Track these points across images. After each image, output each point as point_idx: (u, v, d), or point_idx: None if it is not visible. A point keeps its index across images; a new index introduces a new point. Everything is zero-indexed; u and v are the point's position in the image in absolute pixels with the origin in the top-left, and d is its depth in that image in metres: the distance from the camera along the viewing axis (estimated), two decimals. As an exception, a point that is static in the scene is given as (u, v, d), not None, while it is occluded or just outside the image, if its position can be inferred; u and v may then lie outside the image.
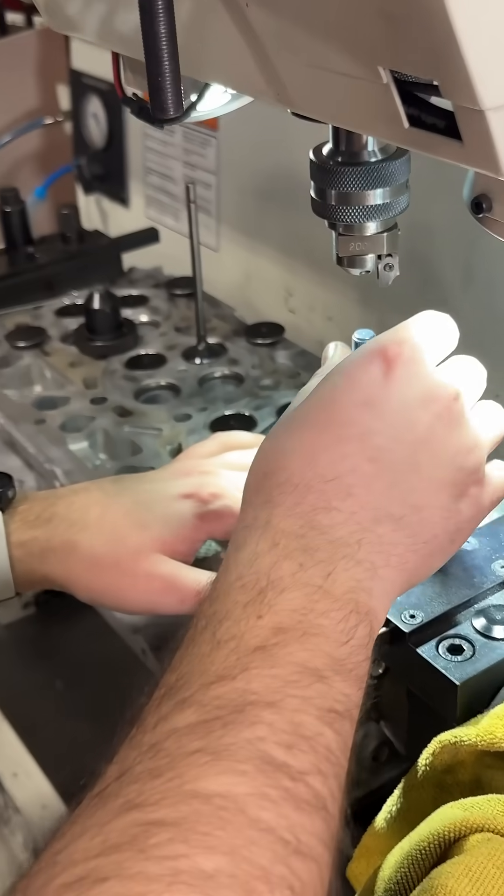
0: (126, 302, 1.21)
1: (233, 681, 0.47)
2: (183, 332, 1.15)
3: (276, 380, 1.05)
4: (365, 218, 0.66)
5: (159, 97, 0.52)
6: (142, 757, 0.44)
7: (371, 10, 0.44)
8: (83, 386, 1.07)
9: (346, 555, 0.53)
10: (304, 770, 0.45)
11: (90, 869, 0.38)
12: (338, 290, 1.29)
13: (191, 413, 1.00)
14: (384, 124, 0.50)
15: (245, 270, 1.45)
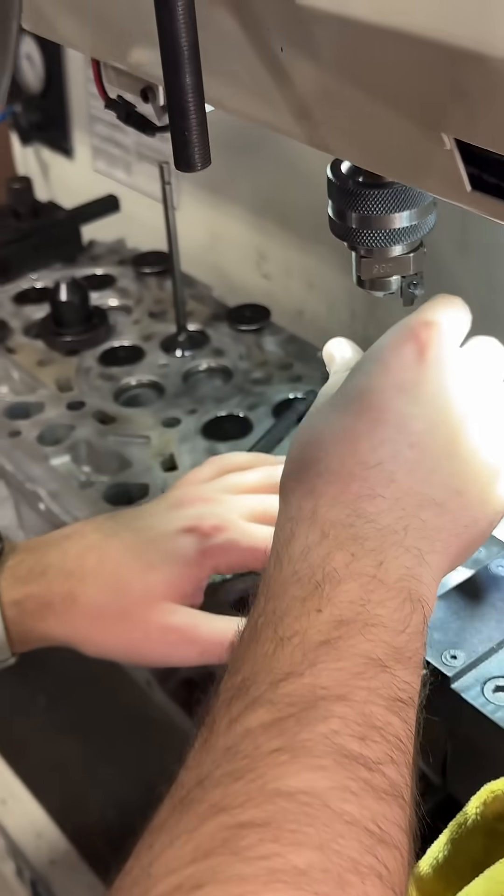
0: (90, 283, 1.12)
1: (301, 677, 0.47)
2: (158, 318, 1.07)
3: (268, 373, 0.98)
4: (390, 243, 0.60)
5: (186, 152, 0.45)
6: (220, 760, 0.44)
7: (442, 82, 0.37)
8: (56, 388, 0.98)
9: (394, 542, 0.53)
10: (379, 760, 0.46)
11: (185, 877, 0.39)
12: (318, 253, 1.21)
13: (179, 416, 0.93)
14: (441, 182, 0.43)
15: (211, 231, 1.35)
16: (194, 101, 0.45)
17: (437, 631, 0.66)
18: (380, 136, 0.44)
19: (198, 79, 0.44)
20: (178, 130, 0.46)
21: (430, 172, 0.43)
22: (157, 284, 1.12)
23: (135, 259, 1.15)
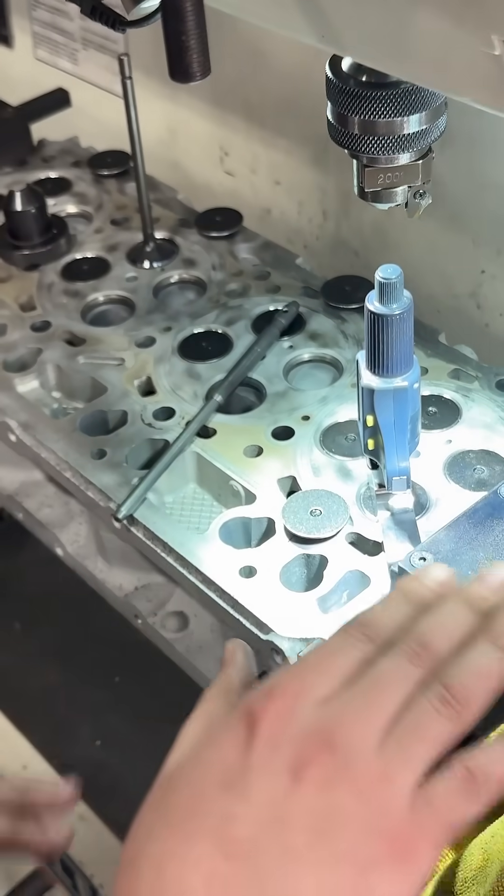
0: (44, 188, 1.04)
1: None
2: (121, 225, 1.00)
3: (244, 283, 0.92)
4: (398, 150, 0.54)
5: (183, 60, 0.40)
6: None
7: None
8: (18, 308, 0.92)
9: None
10: None
11: None
12: (283, 147, 1.13)
13: (153, 335, 0.87)
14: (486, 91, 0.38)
15: (168, 125, 1.27)
16: (192, 2, 0.38)
17: (448, 563, 0.62)
18: (407, 35, 0.38)
19: (198, -28, 0.38)
20: (174, 35, 0.40)
21: (474, 80, 0.37)
22: (117, 188, 1.04)
23: (91, 160, 1.07)
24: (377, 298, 0.61)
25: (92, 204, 1.03)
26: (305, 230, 1.16)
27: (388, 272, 0.60)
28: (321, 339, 0.85)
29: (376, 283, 0.61)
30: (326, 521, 0.70)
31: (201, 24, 0.40)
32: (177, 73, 0.41)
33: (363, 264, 1.09)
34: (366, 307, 0.62)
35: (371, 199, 0.57)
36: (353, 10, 0.39)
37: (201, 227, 0.97)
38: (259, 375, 0.83)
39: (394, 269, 0.60)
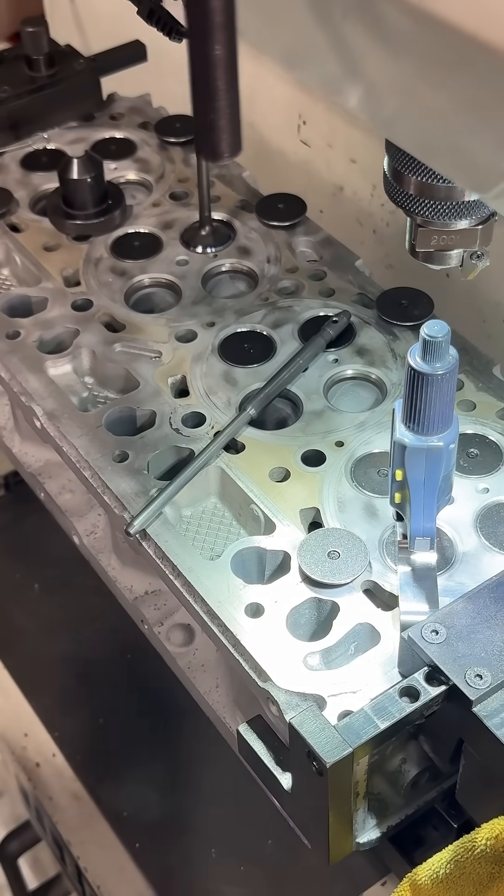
0: (107, 150, 0.99)
1: None
2: (181, 200, 0.95)
3: (297, 282, 0.87)
4: (455, 217, 0.49)
5: (211, 138, 0.36)
6: None
7: None
8: (62, 281, 0.88)
9: None
10: None
11: None
12: (363, 125, 1.07)
13: (195, 329, 0.83)
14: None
15: (248, 84, 1.21)
16: (224, 79, 0.34)
17: (460, 641, 0.60)
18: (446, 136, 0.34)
19: (230, 52, 0.34)
20: (203, 112, 0.36)
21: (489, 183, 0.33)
22: (182, 157, 1.00)
23: (159, 124, 1.02)
24: (420, 354, 0.57)
25: (154, 173, 0.98)
26: (377, 214, 1.11)
27: (434, 329, 0.56)
28: (369, 355, 0.81)
29: (420, 340, 0.56)
30: (344, 566, 0.67)
31: (234, 101, 0.36)
32: (204, 150, 0.37)
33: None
34: (407, 361, 0.58)
35: (422, 259, 0.52)
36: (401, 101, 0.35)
37: (262, 214, 0.92)
38: (298, 388, 0.79)
39: (441, 327, 0.56)
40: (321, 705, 0.61)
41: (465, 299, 1.00)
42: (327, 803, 0.58)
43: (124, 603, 0.80)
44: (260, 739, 0.64)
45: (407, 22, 0.32)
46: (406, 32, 0.32)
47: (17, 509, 1.18)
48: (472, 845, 0.58)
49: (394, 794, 0.67)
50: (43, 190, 0.96)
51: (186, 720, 0.98)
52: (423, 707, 0.58)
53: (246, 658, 0.64)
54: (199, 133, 0.35)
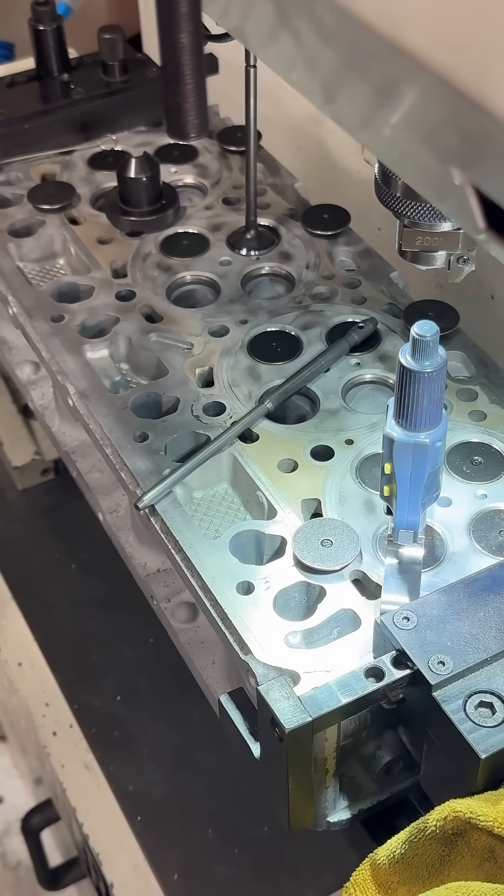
0: (169, 155, 1.05)
1: None
2: (233, 206, 1.00)
3: (332, 289, 0.91)
4: (438, 218, 0.52)
5: (178, 119, 0.40)
6: None
7: (454, 123, 0.30)
8: (110, 272, 0.93)
9: None
10: None
11: None
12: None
13: (228, 326, 0.87)
14: (457, 210, 0.36)
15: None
16: (190, 65, 0.38)
17: (430, 630, 0.62)
18: (396, 145, 0.37)
19: (196, 39, 0.38)
20: (171, 94, 0.40)
21: (447, 196, 0.36)
22: (240, 166, 1.04)
23: (222, 133, 1.07)
24: (410, 353, 0.60)
25: (211, 178, 1.03)
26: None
27: (424, 329, 0.59)
28: (390, 361, 0.84)
29: (411, 338, 0.60)
30: (335, 554, 0.70)
31: (200, 85, 0.40)
32: (172, 130, 0.41)
33: (475, 280, 1.06)
34: (398, 358, 0.61)
35: (410, 259, 0.56)
36: (350, 102, 0.38)
37: (307, 222, 0.96)
38: (318, 388, 0.82)
39: (430, 327, 0.59)
40: (295, 680, 0.64)
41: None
42: (287, 770, 0.61)
43: (138, 579, 0.84)
44: (238, 709, 0.67)
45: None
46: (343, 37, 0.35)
47: (65, 492, 1.23)
48: (424, 826, 0.60)
49: (367, 778, 0.69)
50: (105, 188, 1.02)
51: (199, 704, 1.02)
52: (385, 688, 0.61)
53: (231, 631, 0.68)
54: (168, 114, 0.39)
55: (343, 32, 0.36)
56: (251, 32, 0.46)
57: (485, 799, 0.60)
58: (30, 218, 0.99)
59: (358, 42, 0.35)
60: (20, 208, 1.00)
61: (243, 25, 0.46)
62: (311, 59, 0.41)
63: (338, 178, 1.25)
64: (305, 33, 0.41)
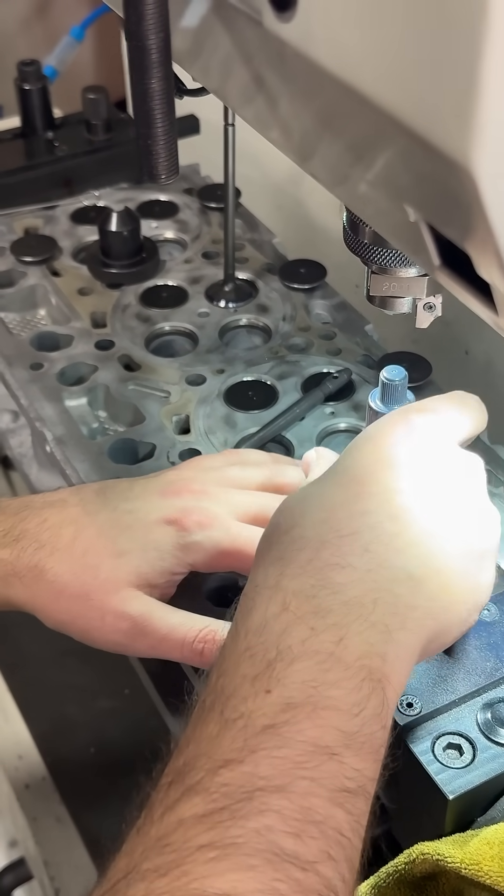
0: (150, 211, 1.07)
1: (241, 764, 0.45)
2: (212, 259, 1.02)
3: (308, 340, 0.92)
4: (405, 264, 0.54)
5: (149, 162, 0.41)
6: (148, 852, 0.43)
7: (406, 162, 0.32)
8: (90, 322, 0.95)
9: (360, 616, 0.50)
10: (314, 858, 0.44)
11: None
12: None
13: (205, 374, 0.89)
14: (413, 247, 0.38)
15: (295, 166, 1.28)
16: (161, 109, 0.40)
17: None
18: (353, 185, 0.39)
19: (166, 84, 0.39)
20: (142, 138, 0.41)
21: (403, 235, 0.37)
22: (219, 222, 1.07)
23: (202, 190, 1.09)
24: (379, 397, 0.62)
25: (191, 233, 1.05)
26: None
27: (392, 373, 0.61)
28: (364, 411, 0.85)
29: (380, 383, 0.61)
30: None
31: (170, 130, 0.41)
32: (144, 172, 0.42)
33: (450, 336, 1.09)
34: (368, 403, 0.63)
35: (378, 304, 0.57)
36: (313, 145, 0.40)
37: (284, 276, 0.98)
38: (292, 435, 0.83)
39: (399, 372, 0.61)
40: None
41: (481, 374, 1.04)
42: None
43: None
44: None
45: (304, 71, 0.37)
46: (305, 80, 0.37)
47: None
48: (394, 870, 0.60)
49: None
50: (86, 241, 1.04)
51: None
52: (354, 729, 0.61)
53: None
54: (141, 157, 0.41)
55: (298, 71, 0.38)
56: (230, 91, 0.48)
57: (453, 841, 0.60)
58: (12, 270, 1.00)
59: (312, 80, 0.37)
60: (3, 260, 1.01)
61: (223, 84, 0.48)
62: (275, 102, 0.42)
63: (317, 237, 1.28)
64: (273, 85, 0.43)
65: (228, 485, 0.70)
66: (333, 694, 0.48)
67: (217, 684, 0.49)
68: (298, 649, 0.48)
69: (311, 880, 0.43)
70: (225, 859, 0.42)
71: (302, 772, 0.45)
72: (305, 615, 0.50)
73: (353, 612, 0.50)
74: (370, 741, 0.48)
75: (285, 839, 0.43)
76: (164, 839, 0.43)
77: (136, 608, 0.65)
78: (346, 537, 0.52)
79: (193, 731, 0.48)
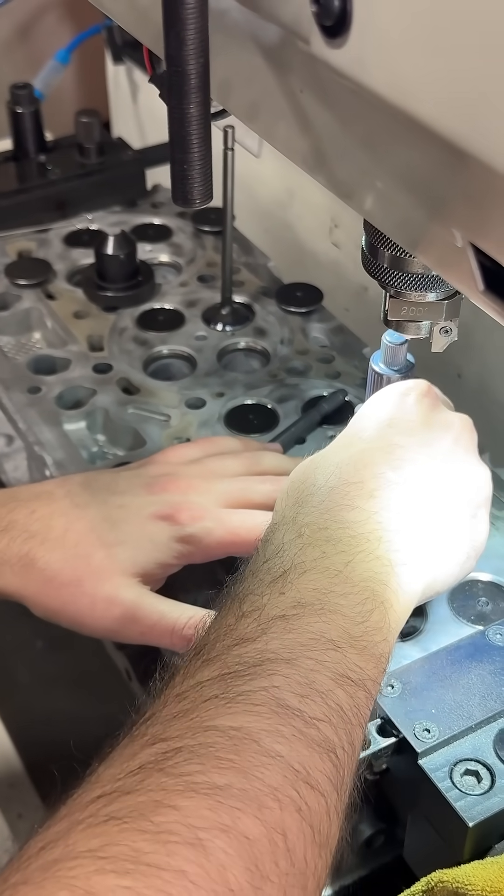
0: (145, 234, 1.07)
1: (253, 642, 0.50)
2: (207, 283, 1.02)
3: (307, 363, 0.92)
4: (424, 288, 0.54)
5: (183, 186, 0.41)
6: (167, 704, 0.48)
7: (454, 181, 0.32)
8: (87, 346, 0.94)
9: (365, 549, 0.56)
10: (316, 717, 0.47)
11: (116, 787, 0.42)
12: (388, 233, 1.14)
13: (205, 398, 0.88)
14: (453, 272, 0.38)
15: (288, 186, 1.29)
16: (198, 134, 0.40)
17: (414, 697, 0.62)
18: (394, 208, 0.39)
19: (204, 109, 0.39)
20: (177, 163, 0.41)
21: (444, 260, 0.37)
22: (214, 245, 1.07)
23: (195, 214, 1.09)
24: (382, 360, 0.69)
25: (185, 256, 1.05)
26: (397, 315, 1.16)
27: (394, 336, 0.67)
28: (365, 434, 0.85)
29: (382, 345, 0.68)
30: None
31: (206, 155, 0.41)
32: (178, 197, 0.42)
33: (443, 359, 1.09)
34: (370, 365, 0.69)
35: (395, 328, 0.58)
36: (348, 168, 0.40)
37: (281, 300, 0.98)
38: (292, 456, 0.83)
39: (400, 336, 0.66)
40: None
41: (473, 397, 1.05)
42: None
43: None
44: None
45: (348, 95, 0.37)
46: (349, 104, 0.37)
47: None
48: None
49: (348, 853, 0.68)
50: (81, 264, 1.03)
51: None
52: (370, 756, 0.61)
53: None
54: (175, 182, 0.41)
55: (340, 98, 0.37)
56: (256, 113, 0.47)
57: (472, 868, 0.59)
58: (6, 293, 1.00)
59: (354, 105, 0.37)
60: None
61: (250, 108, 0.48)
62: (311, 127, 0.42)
63: (305, 260, 1.28)
64: (310, 110, 0.43)
65: (210, 476, 0.73)
66: (340, 602, 0.53)
67: (236, 590, 0.54)
68: (311, 565, 0.54)
69: (313, 733, 0.46)
70: (234, 705, 0.46)
71: (308, 652, 0.49)
72: (318, 541, 0.55)
73: (360, 545, 0.55)
74: (372, 647, 0.52)
75: (290, 697, 0.47)
76: (181, 695, 0.48)
77: (127, 595, 0.67)
78: (353, 484, 0.59)
79: (213, 623, 0.53)
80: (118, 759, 0.45)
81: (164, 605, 0.67)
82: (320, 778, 0.45)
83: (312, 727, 0.46)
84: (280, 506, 0.62)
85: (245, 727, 0.45)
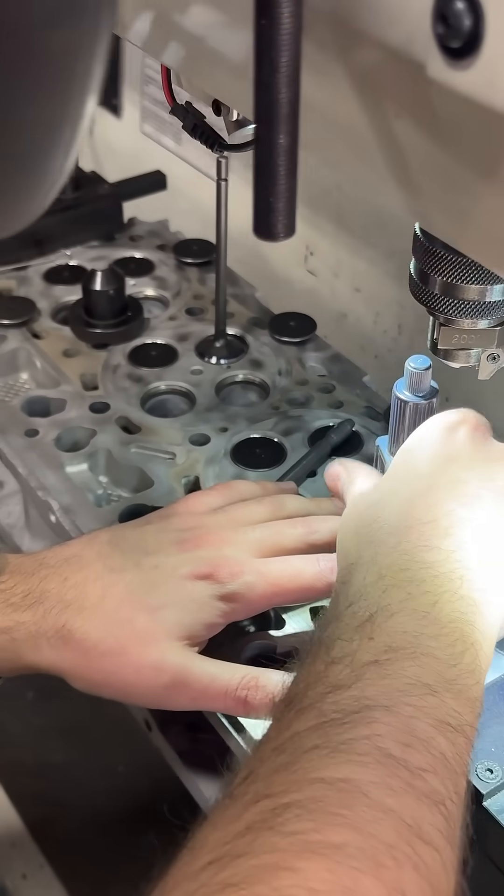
0: (126, 268, 1.05)
1: (348, 689, 0.48)
2: (196, 316, 1.00)
3: (307, 394, 0.91)
4: (477, 316, 0.53)
5: (268, 219, 0.39)
6: (265, 759, 0.46)
7: None
8: (80, 385, 0.92)
9: (449, 589, 0.55)
10: (421, 767, 0.45)
11: (225, 851, 0.41)
12: (369, 257, 1.13)
13: (209, 434, 0.86)
14: None
15: (257, 218, 1.28)
16: (285, 165, 0.38)
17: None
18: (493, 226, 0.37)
19: (293, 140, 0.37)
20: (263, 195, 0.39)
21: None
22: (198, 277, 1.05)
23: (177, 246, 1.07)
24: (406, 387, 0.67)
25: (171, 290, 1.03)
26: (379, 341, 1.15)
27: (418, 362, 0.66)
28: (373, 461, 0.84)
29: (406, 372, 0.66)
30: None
31: (292, 187, 0.39)
32: (261, 231, 0.40)
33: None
34: (393, 393, 0.67)
35: (443, 357, 0.56)
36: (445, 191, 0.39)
37: (274, 330, 0.97)
38: (305, 490, 0.81)
39: (423, 360, 0.65)
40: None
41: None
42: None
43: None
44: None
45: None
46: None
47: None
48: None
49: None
50: (64, 301, 1.01)
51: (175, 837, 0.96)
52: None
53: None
54: (258, 214, 0.39)
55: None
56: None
57: None
58: (-10, 334, 0.97)
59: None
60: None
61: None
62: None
63: (280, 288, 1.27)
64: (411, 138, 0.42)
65: (238, 525, 0.70)
66: (431, 644, 0.51)
67: (322, 635, 0.53)
68: (397, 607, 0.53)
69: (419, 783, 0.44)
70: (337, 756, 0.44)
71: (406, 698, 0.48)
72: (401, 582, 0.54)
73: (444, 585, 0.54)
74: (466, 690, 0.51)
75: (394, 746, 0.45)
76: (278, 748, 0.46)
77: (175, 659, 0.64)
78: (427, 524, 0.57)
79: (300, 671, 0.51)
80: (221, 821, 0.43)
81: (214, 667, 0.64)
82: (432, 832, 0.43)
83: (419, 778, 0.45)
84: (348, 546, 0.61)
85: (352, 779, 0.43)
